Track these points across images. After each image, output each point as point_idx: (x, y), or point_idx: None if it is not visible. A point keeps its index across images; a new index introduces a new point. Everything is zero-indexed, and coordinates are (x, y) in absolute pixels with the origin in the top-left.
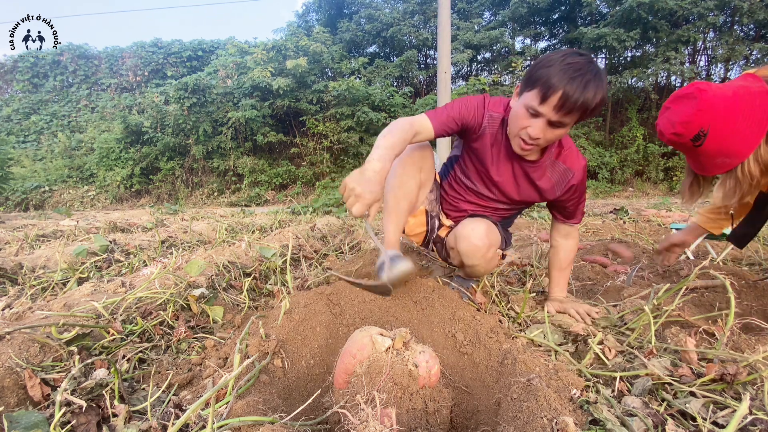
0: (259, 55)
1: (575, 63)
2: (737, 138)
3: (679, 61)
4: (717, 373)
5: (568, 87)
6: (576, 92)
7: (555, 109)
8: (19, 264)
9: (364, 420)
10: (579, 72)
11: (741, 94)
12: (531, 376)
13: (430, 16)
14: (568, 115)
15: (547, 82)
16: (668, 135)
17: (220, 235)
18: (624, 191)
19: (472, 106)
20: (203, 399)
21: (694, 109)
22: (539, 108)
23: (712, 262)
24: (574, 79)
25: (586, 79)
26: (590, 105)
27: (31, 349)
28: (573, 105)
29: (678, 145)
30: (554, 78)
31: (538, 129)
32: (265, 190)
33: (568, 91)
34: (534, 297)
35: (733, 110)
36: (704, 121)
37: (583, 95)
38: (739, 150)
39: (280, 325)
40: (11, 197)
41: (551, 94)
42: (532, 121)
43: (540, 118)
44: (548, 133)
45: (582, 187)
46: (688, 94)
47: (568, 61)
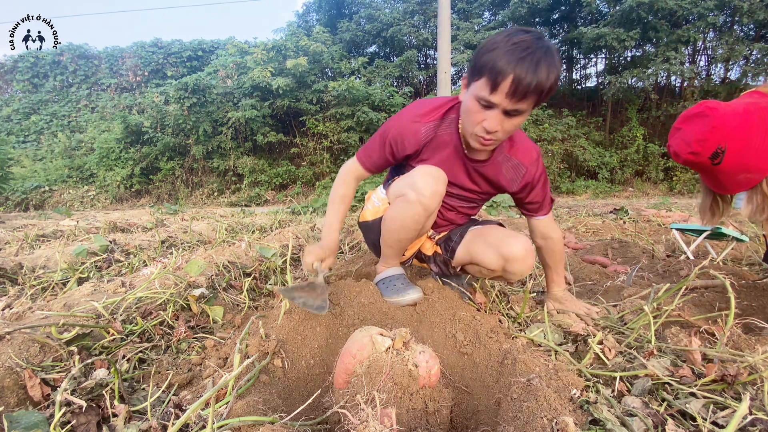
0: (259, 55)
1: (522, 42)
2: (757, 152)
3: (679, 61)
4: (717, 374)
5: (518, 69)
6: (528, 74)
7: (508, 96)
8: (19, 264)
9: (364, 420)
10: (527, 51)
11: (752, 110)
12: (531, 376)
13: (430, 16)
14: (524, 101)
15: (495, 67)
16: (684, 155)
17: (220, 235)
18: (624, 191)
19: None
20: (203, 399)
21: (708, 127)
22: (491, 98)
23: (712, 262)
24: (523, 60)
25: (536, 57)
26: (545, 86)
27: (31, 349)
28: (527, 88)
29: (695, 165)
30: (501, 62)
31: (494, 121)
32: (265, 190)
33: (519, 75)
34: (534, 297)
35: (747, 125)
36: (720, 138)
37: (536, 76)
38: (761, 164)
39: (280, 325)
40: (11, 197)
41: (501, 80)
42: (486, 113)
43: (494, 108)
44: (506, 123)
45: (539, 179)
46: (698, 113)
47: (513, 41)
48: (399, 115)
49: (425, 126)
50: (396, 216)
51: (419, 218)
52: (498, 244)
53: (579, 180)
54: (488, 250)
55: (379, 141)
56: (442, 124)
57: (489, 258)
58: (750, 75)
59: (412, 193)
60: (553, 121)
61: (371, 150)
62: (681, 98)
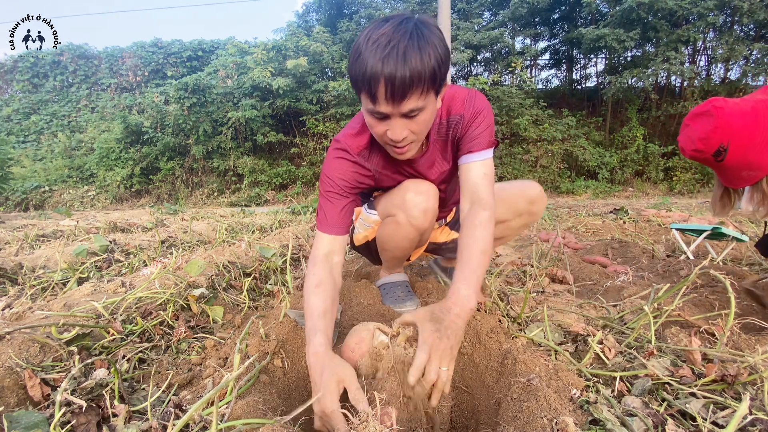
0: (259, 55)
1: (382, 36)
2: (759, 151)
3: (679, 61)
4: (717, 374)
5: (386, 69)
6: (399, 69)
7: (389, 101)
8: (19, 264)
9: (364, 420)
10: (390, 44)
11: (760, 108)
12: (531, 376)
13: (430, 16)
14: (410, 98)
15: (365, 75)
16: (689, 151)
17: (220, 235)
18: (624, 191)
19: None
20: (204, 399)
21: (711, 126)
22: (378, 108)
23: (712, 262)
24: (388, 57)
25: (402, 48)
26: (424, 73)
27: (31, 349)
28: (404, 85)
29: (701, 161)
30: (368, 66)
31: (397, 129)
32: (265, 190)
33: (389, 74)
34: (534, 297)
35: (752, 125)
36: (723, 137)
37: (407, 68)
38: (762, 163)
39: (280, 325)
40: (11, 197)
41: (375, 88)
42: (386, 124)
43: (389, 118)
44: (411, 125)
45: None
46: (705, 111)
47: (373, 39)
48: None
49: (361, 156)
50: (388, 238)
51: (413, 238)
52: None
53: (579, 180)
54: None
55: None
56: (372, 146)
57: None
58: (750, 75)
59: (401, 215)
60: (553, 121)
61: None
62: (681, 98)
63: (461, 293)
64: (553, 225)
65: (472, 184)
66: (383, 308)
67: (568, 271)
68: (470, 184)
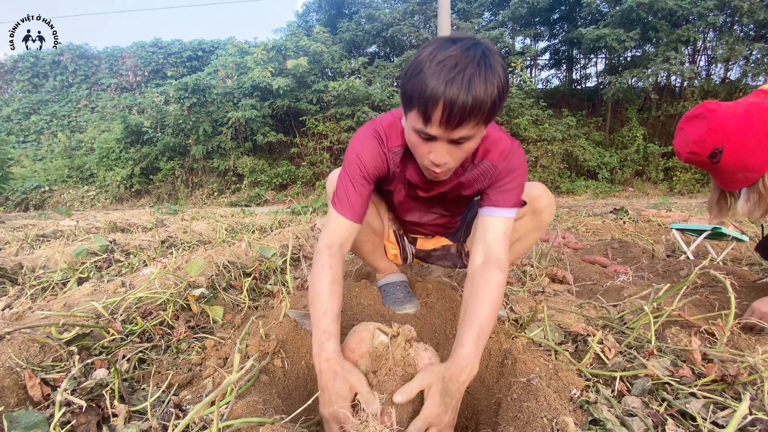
0: (259, 55)
1: (449, 58)
2: (754, 153)
3: (679, 61)
4: (717, 374)
5: (449, 93)
6: (461, 96)
7: (443, 125)
8: (19, 264)
9: (364, 420)
10: (456, 68)
11: (753, 111)
12: (531, 376)
13: (430, 16)
14: (464, 126)
15: (423, 95)
16: (685, 154)
17: (220, 235)
18: (624, 191)
19: (370, 156)
20: (206, 400)
21: (705, 129)
22: (428, 130)
23: (712, 262)
24: (452, 82)
25: (468, 74)
26: (485, 103)
27: (31, 349)
28: (463, 113)
29: (697, 164)
30: (429, 87)
31: (440, 153)
32: (265, 190)
33: (449, 100)
34: (534, 297)
35: (745, 127)
36: (717, 139)
37: (470, 95)
38: (758, 164)
39: (280, 325)
40: (11, 197)
41: (432, 109)
42: (429, 145)
43: (437, 141)
44: (456, 152)
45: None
46: (698, 114)
47: (438, 59)
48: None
49: (392, 152)
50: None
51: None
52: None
53: (579, 180)
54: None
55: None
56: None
57: None
58: (750, 75)
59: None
60: (553, 121)
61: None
62: (681, 98)
63: (471, 358)
64: (553, 225)
65: (490, 240)
66: (383, 309)
67: (568, 271)
68: (488, 239)
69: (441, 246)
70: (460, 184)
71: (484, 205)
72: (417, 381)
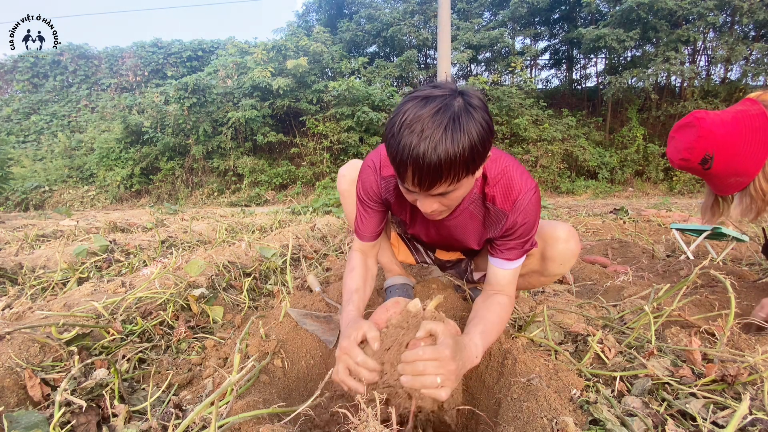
0: (259, 55)
1: (417, 122)
2: (743, 158)
3: (679, 61)
4: (717, 374)
5: (414, 157)
6: (428, 157)
7: (417, 185)
8: (19, 264)
9: (364, 420)
10: (423, 133)
11: (740, 118)
12: (531, 376)
13: (430, 16)
14: (439, 185)
15: (395, 158)
16: (677, 161)
17: (220, 235)
18: (624, 191)
19: (366, 185)
20: (207, 401)
21: (695, 136)
22: (409, 187)
23: (712, 262)
24: (418, 146)
25: (435, 138)
26: (455, 162)
27: (31, 349)
28: (432, 174)
29: (689, 170)
30: (399, 151)
31: (426, 204)
32: (265, 190)
33: (417, 163)
34: (534, 297)
35: (734, 133)
36: (707, 146)
37: (437, 155)
38: (748, 169)
39: (280, 325)
40: (11, 197)
41: (403, 172)
42: (414, 196)
43: (419, 194)
44: (443, 201)
45: (522, 225)
46: (688, 123)
47: (407, 122)
48: (363, 167)
49: (384, 181)
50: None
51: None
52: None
53: (579, 180)
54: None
55: (360, 207)
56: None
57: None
58: (750, 75)
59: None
60: (553, 121)
61: (361, 221)
62: (681, 98)
63: (477, 348)
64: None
65: (500, 284)
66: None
67: (568, 271)
68: (496, 281)
69: (456, 259)
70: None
71: (495, 256)
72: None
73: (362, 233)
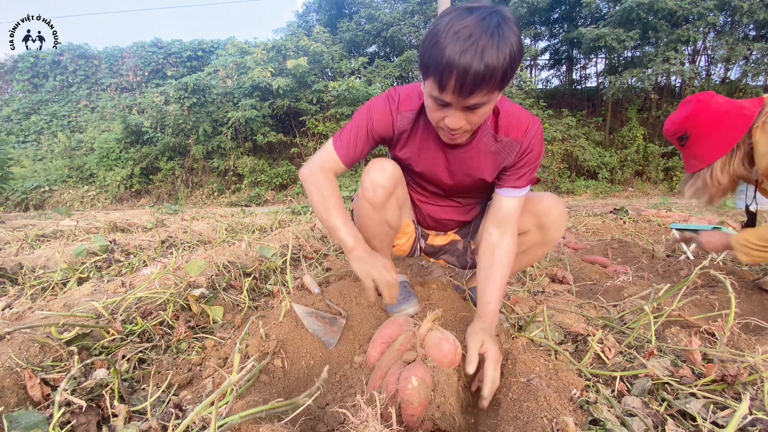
0: (259, 55)
1: (464, 28)
2: (707, 146)
3: (679, 61)
4: (717, 374)
5: (462, 62)
6: (473, 64)
7: (457, 93)
8: (19, 264)
9: (364, 420)
10: (470, 38)
11: (732, 112)
12: (531, 376)
13: (430, 16)
14: (477, 93)
15: (439, 64)
16: (665, 128)
17: (220, 235)
18: (624, 191)
19: (378, 115)
20: (207, 401)
21: (683, 114)
22: (443, 97)
23: (712, 262)
24: (466, 51)
25: (482, 44)
26: (497, 71)
27: (31, 349)
28: (475, 80)
29: (671, 140)
30: (444, 56)
31: (455, 119)
32: (265, 190)
33: (463, 68)
34: (534, 297)
35: (714, 122)
36: (688, 126)
37: (483, 64)
38: (705, 155)
39: (280, 325)
40: (11, 197)
41: (446, 78)
42: (444, 111)
43: (451, 107)
44: (471, 117)
45: (531, 149)
46: (689, 100)
47: (454, 30)
48: (373, 101)
49: (400, 115)
50: (355, 216)
51: (368, 213)
52: (525, 202)
53: (579, 180)
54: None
55: (355, 120)
56: (421, 116)
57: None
58: (750, 75)
59: (360, 190)
60: (553, 121)
61: (344, 135)
62: (681, 98)
63: (497, 311)
64: None
65: (506, 215)
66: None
67: (568, 271)
68: (503, 213)
69: (450, 242)
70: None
71: (503, 186)
72: (473, 347)
73: (348, 154)
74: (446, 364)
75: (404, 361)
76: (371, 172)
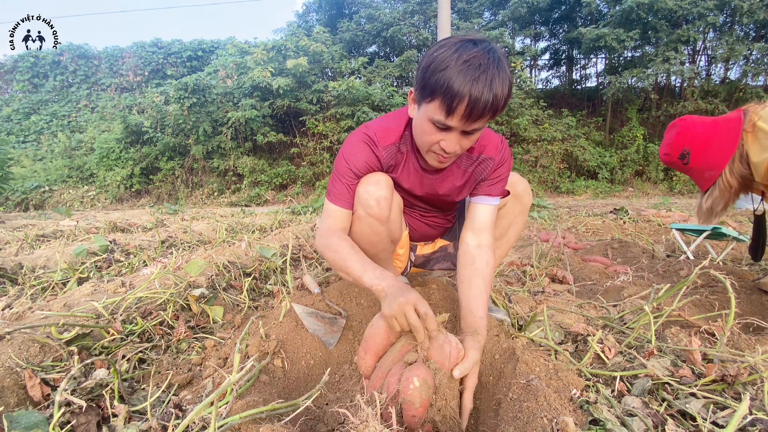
0: (259, 55)
1: (474, 58)
2: (714, 152)
3: (679, 61)
4: (717, 374)
5: (474, 91)
6: (483, 94)
7: (464, 118)
8: (19, 264)
9: (364, 420)
10: (480, 68)
11: (719, 120)
12: (531, 376)
13: (430, 16)
14: (480, 120)
15: (449, 90)
16: (662, 157)
17: (220, 235)
18: (624, 191)
19: (361, 159)
20: (207, 401)
21: (675, 134)
22: (447, 121)
23: (712, 262)
24: (477, 80)
25: (490, 75)
26: (500, 103)
27: (31, 349)
28: (483, 109)
29: (672, 165)
30: (455, 84)
31: (452, 143)
32: (265, 190)
33: (474, 97)
34: (534, 297)
35: (708, 132)
36: (685, 141)
37: (491, 94)
38: (718, 162)
39: (280, 325)
40: (11, 197)
41: (457, 104)
42: (442, 135)
43: (451, 131)
44: (464, 141)
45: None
46: (673, 125)
47: (464, 58)
48: (346, 149)
49: (385, 151)
50: (356, 235)
51: (376, 230)
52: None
53: (579, 180)
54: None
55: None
56: (401, 145)
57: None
58: (750, 75)
59: (359, 209)
60: (553, 121)
61: (338, 189)
62: (681, 98)
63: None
64: (553, 225)
65: (482, 223)
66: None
67: (568, 271)
68: (480, 222)
69: (439, 248)
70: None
71: (478, 194)
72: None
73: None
74: (448, 367)
75: (405, 362)
76: (369, 188)
